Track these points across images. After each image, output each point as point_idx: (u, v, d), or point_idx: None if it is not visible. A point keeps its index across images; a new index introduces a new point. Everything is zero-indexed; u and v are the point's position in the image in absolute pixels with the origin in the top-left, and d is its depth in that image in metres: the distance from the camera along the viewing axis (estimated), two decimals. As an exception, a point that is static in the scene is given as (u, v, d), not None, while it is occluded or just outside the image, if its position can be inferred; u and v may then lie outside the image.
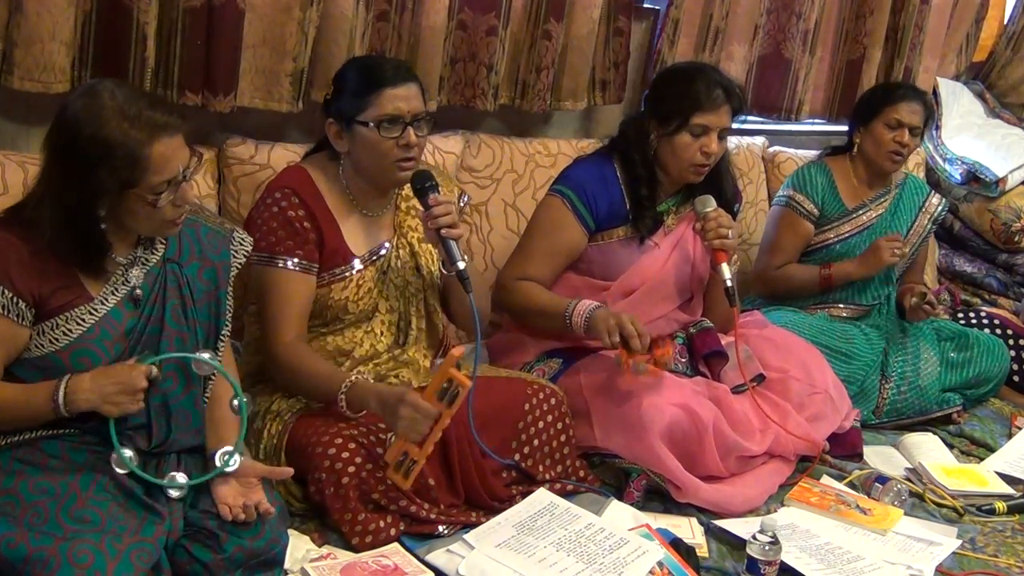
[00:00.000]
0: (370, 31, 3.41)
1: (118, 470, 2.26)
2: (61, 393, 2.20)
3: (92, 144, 2.16)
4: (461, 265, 2.78)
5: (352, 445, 2.64)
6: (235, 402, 2.42)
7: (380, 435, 2.71)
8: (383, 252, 2.94)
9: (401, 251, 2.97)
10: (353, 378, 2.71)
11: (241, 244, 2.57)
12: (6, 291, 2.22)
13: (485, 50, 3.65)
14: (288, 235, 2.80)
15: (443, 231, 2.78)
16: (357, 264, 2.89)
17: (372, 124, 2.77)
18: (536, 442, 2.96)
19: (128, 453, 2.27)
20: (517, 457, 2.94)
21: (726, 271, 3.21)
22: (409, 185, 2.89)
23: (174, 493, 2.31)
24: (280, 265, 2.80)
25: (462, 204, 3.16)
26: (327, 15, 3.31)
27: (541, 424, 2.98)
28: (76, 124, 2.18)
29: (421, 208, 2.86)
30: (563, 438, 3.02)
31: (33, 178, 2.65)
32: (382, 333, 2.96)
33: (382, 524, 2.64)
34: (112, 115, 2.17)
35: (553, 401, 3.01)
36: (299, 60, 3.27)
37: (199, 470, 2.41)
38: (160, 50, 3.08)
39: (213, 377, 2.49)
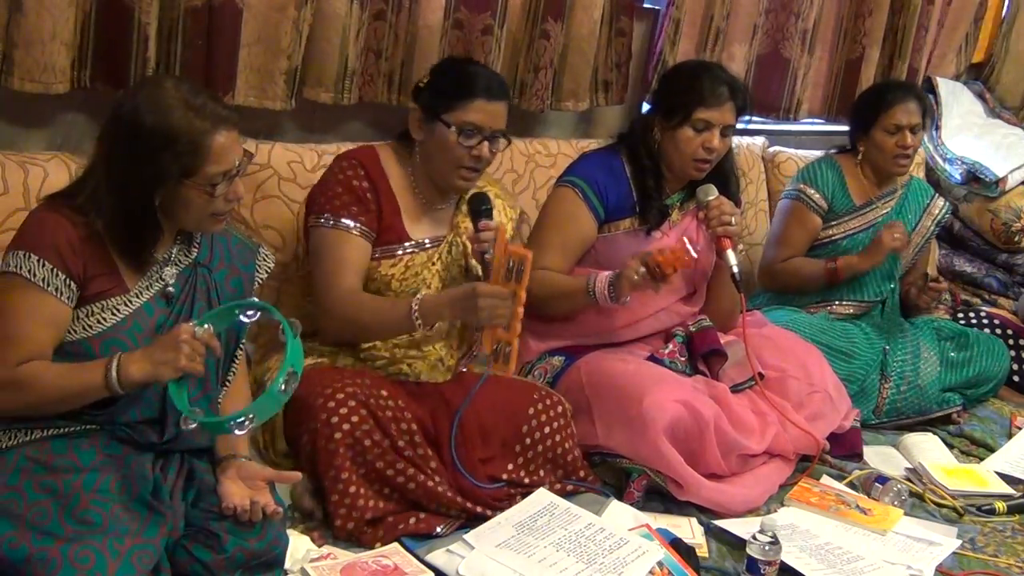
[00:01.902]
0: (366, 30, 3.41)
1: (186, 428, 2.27)
2: (115, 366, 2.22)
3: (157, 131, 2.23)
4: None
5: (352, 403, 2.66)
6: (281, 330, 2.34)
7: (382, 400, 2.72)
8: (437, 244, 3.00)
9: (455, 248, 3.03)
10: (420, 294, 2.81)
11: (264, 260, 2.63)
12: (60, 272, 2.26)
13: (481, 49, 3.65)
14: (352, 200, 2.89)
15: (487, 256, 2.84)
16: (409, 246, 2.95)
17: (454, 127, 2.85)
18: (540, 448, 2.96)
19: (197, 410, 2.31)
20: (520, 461, 2.94)
21: (732, 258, 3.22)
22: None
23: (243, 430, 2.30)
24: (341, 227, 2.87)
25: (518, 224, 3.25)
26: (321, 14, 3.31)
27: (547, 430, 2.98)
28: (140, 113, 2.25)
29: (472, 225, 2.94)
30: (567, 445, 3.02)
31: (34, 178, 2.71)
32: None
33: (367, 499, 2.66)
34: (178, 104, 2.25)
35: (559, 409, 3.01)
36: (293, 58, 3.28)
37: (204, 472, 2.42)
38: (161, 50, 3.08)
39: (229, 382, 2.55)
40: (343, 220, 2.87)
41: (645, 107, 4.21)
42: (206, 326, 2.29)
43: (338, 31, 3.34)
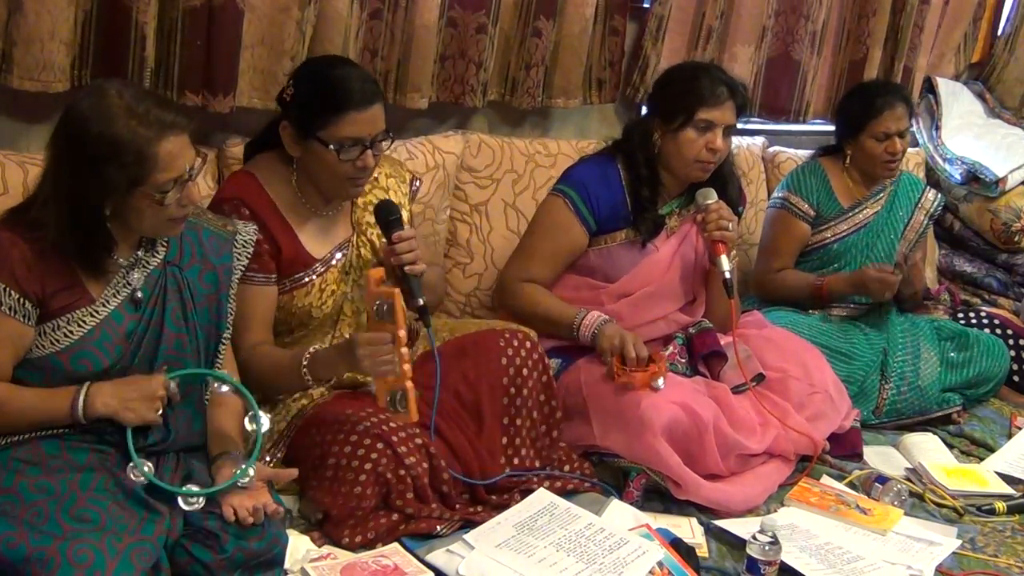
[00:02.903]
0: (363, 29, 3.41)
1: (134, 478, 2.26)
2: (81, 398, 2.23)
3: (101, 142, 2.19)
4: (421, 301, 2.74)
5: (368, 440, 2.64)
6: (249, 425, 2.42)
7: (392, 422, 2.70)
8: (344, 252, 2.91)
9: (363, 249, 2.94)
10: (311, 350, 2.68)
11: (244, 247, 2.58)
12: (12, 291, 2.24)
13: (475, 47, 3.66)
14: None
15: (407, 268, 2.75)
16: (318, 267, 2.85)
17: (332, 146, 2.70)
18: (525, 391, 2.94)
19: (147, 466, 2.28)
20: (512, 411, 2.93)
21: (725, 263, 3.22)
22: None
23: (187, 506, 2.30)
24: (236, 280, 2.72)
25: (413, 189, 3.10)
26: (323, 15, 3.31)
27: (524, 372, 2.95)
28: (84, 122, 2.21)
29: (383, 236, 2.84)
30: (544, 379, 3.00)
31: (33, 178, 2.66)
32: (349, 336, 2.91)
33: (378, 519, 2.65)
34: (121, 113, 2.20)
35: (528, 345, 2.99)
36: (296, 60, 3.28)
37: (200, 471, 2.41)
38: (160, 50, 3.08)
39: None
40: (242, 274, 2.68)
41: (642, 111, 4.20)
42: (175, 383, 2.31)
43: (340, 31, 3.34)
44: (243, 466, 2.35)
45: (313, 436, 2.72)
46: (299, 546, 2.54)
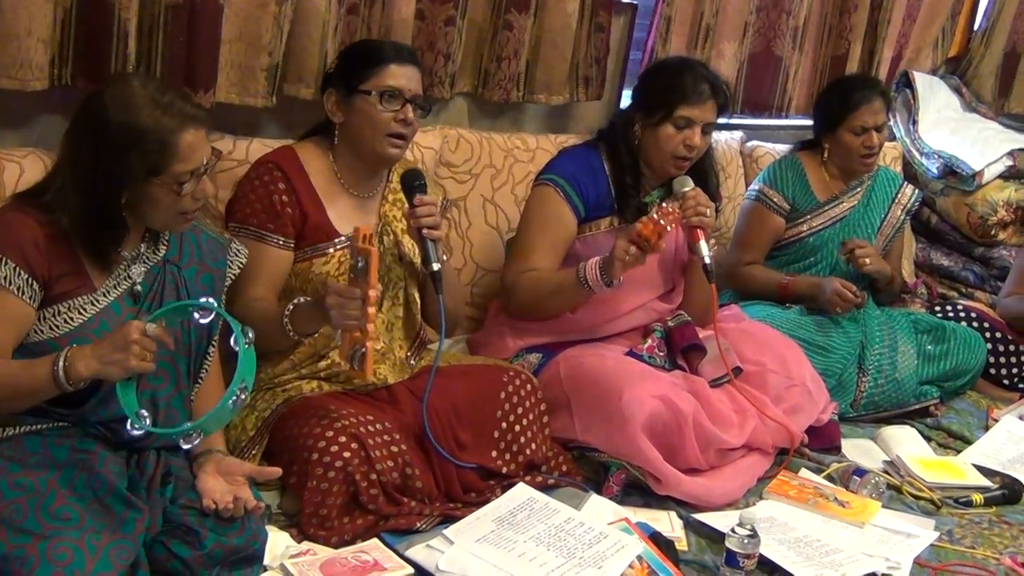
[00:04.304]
0: (341, 24, 3.41)
1: (135, 432, 2.27)
2: (61, 362, 2.22)
3: (124, 130, 2.24)
4: (436, 267, 2.84)
5: (343, 438, 2.64)
6: (233, 340, 2.37)
7: (371, 426, 2.72)
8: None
9: (385, 238, 3.01)
10: (293, 303, 2.70)
11: (237, 255, 2.64)
12: (22, 272, 2.26)
13: (443, 40, 3.66)
14: (264, 208, 2.86)
15: (424, 231, 2.84)
16: (339, 242, 2.92)
17: (374, 93, 2.85)
18: (517, 428, 2.97)
19: (145, 414, 2.28)
20: (502, 446, 2.95)
21: (704, 248, 3.22)
22: (397, 176, 2.99)
23: (186, 444, 2.32)
24: (251, 237, 2.84)
25: (443, 206, 3.20)
26: (301, 9, 3.30)
27: (520, 410, 2.99)
28: (107, 111, 2.25)
29: (406, 204, 2.91)
30: (542, 422, 3.04)
31: (10, 176, 2.69)
32: None
33: (352, 522, 2.65)
34: (145, 103, 2.26)
35: (529, 387, 3.03)
36: (274, 55, 3.27)
37: (181, 469, 2.42)
38: (141, 47, 3.06)
39: (202, 378, 2.55)
40: (252, 230, 2.85)
41: (623, 103, 4.21)
42: (158, 322, 2.29)
43: (318, 26, 3.33)
44: (232, 387, 2.31)
45: (291, 427, 2.72)
46: (279, 542, 2.53)
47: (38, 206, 2.31)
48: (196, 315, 2.41)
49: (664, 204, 3.06)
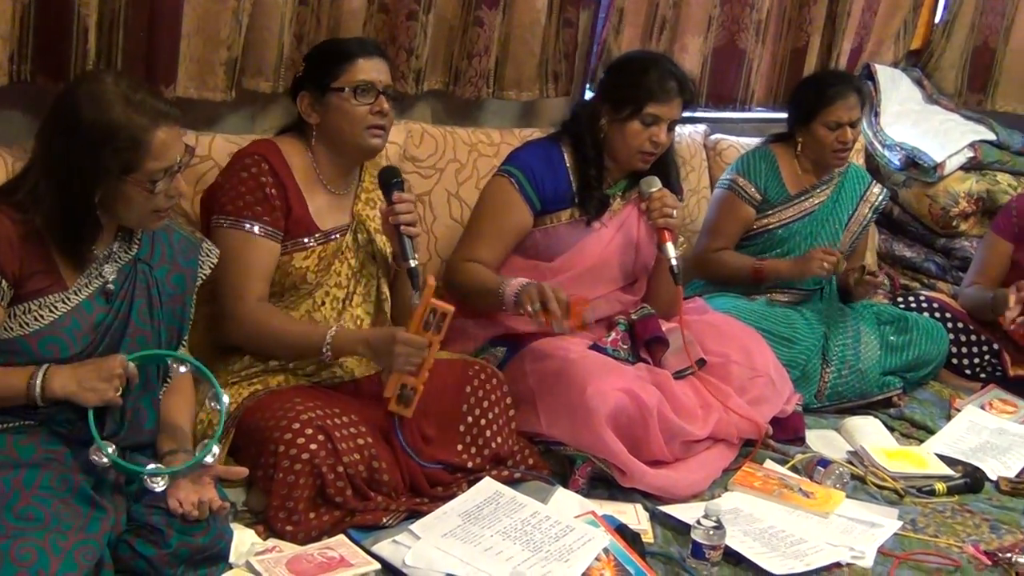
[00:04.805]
0: (292, 17, 3.40)
1: (96, 460, 2.26)
2: (39, 377, 2.23)
3: (96, 127, 2.23)
4: (413, 263, 2.87)
5: (309, 431, 2.64)
6: (213, 404, 2.46)
7: (337, 419, 2.72)
8: (343, 232, 2.99)
9: (360, 235, 3.02)
10: (334, 329, 2.80)
11: (208, 255, 2.63)
12: None
13: (405, 34, 3.65)
14: (256, 200, 2.85)
15: (402, 228, 2.87)
16: (319, 236, 2.94)
17: (347, 90, 2.87)
18: (483, 422, 2.97)
19: (111, 448, 2.28)
20: (467, 440, 2.95)
21: (671, 250, 3.24)
22: (369, 177, 3.04)
23: (158, 486, 2.31)
24: (246, 229, 2.84)
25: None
26: (259, 3, 3.30)
27: (486, 404, 2.99)
28: (80, 109, 2.25)
29: (384, 201, 2.95)
30: (508, 416, 3.04)
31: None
32: (323, 303, 2.99)
33: (318, 518, 2.65)
34: (117, 100, 2.25)
35: (495, 382, 3.04)
36: (233, 49, 3.26)
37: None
38: (101, 42, 3.04)
39: (171, 377, 2.54)
40: (247, 222, 2.83)
41: (587, 96, 4.21)
42: (134, 365, 2.31)
43: (276, 20, 3.33)
44: (207, 443, 2.36)
45: (258, 420, 2.72)
46: (244, 539, 2.53)
47: (11, 204, 2.29)
48: (175, 366, 2.45)
49: (583, 301, 3.11)
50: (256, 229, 2.84)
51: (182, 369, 2.47)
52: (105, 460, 2.27)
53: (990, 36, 5.41)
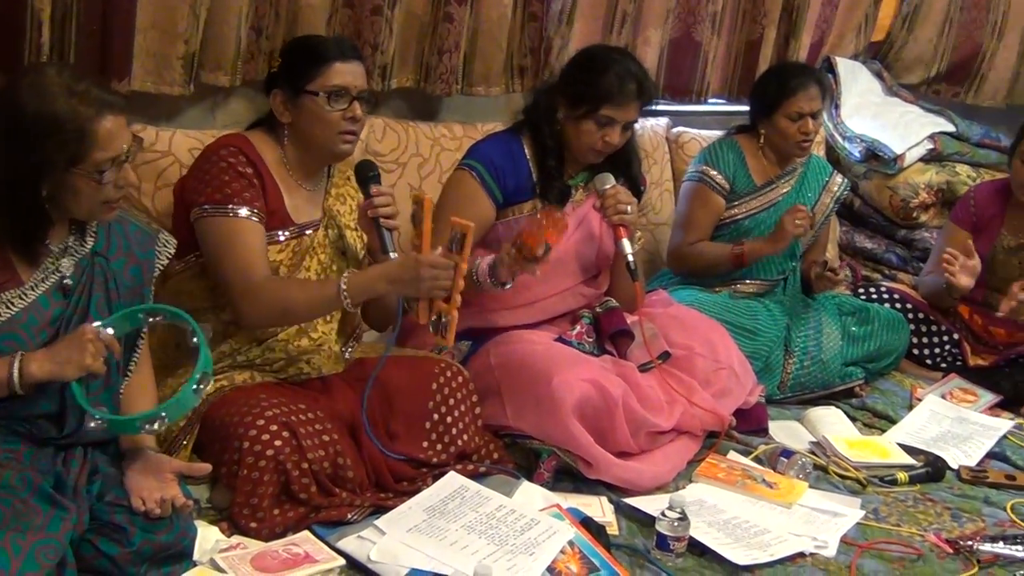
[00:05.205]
0: (250, 10, 3.38)
1: (94, 427, 2.30)
2: (16, 365, 2.22)
3: (40, 120, 2.20)
4: (393, 255, 2.84)
5: (274, 427, 2.63)
6: (194, 339, 2.41)
7: (302, 415, 2.71)
8: (315, 228, 2.97)
9: (330, 231, 3.00)
10: (347, 275, 2.78)
11: (165, 246, 2.60)
12: None
13: (370, 30, 3.64)
14: (243, 187, 2.82)
15: (382, 221, 2.85)
16: (293, 230, 2.92)
17: (321, 94, 2.83)
18: (449, 419, 2.97)
19: (101, 409, 2.31)
20: (433, 437, 2.94)
21: (627, 246, 3.24)
22: (339, 173, 3.04)
23: (149, 432, 2.33)
24: (242, 214, 2.80)
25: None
26: (218, -3, 3.28)
27: (452, 401, 2.99)
28: (22, 101, 2.22)
29: (359, 195, 2.95)
30: (474, 414, 3.04)
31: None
32: None
33: (282, 514, 2.64)
34: (60, 92, 2.22)
35: (461, 379, 3.03)
36: (190, 43, 3.25)
37: (107, 465, 2.40)
38: (55, 36, 3.02)
39: (130, 372, 2.52)
40: (239, 208, 2.80)
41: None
42: (109, 329, 2.29)
43: (235, 14, 3.32)
44: (193, 375, 2.35)
45: (222, 417, 2.70)
46: (208, 536, 2.52)
47: None
48: (144, 318, 2.43)
49: (554, 211, 3.06)
50: (245, 212, 2.80)
51: (157, 318, 2.44)
52: (101, 422, 2.29)
53: (975, 31, 5.46)
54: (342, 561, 2.52)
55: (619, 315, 3.37)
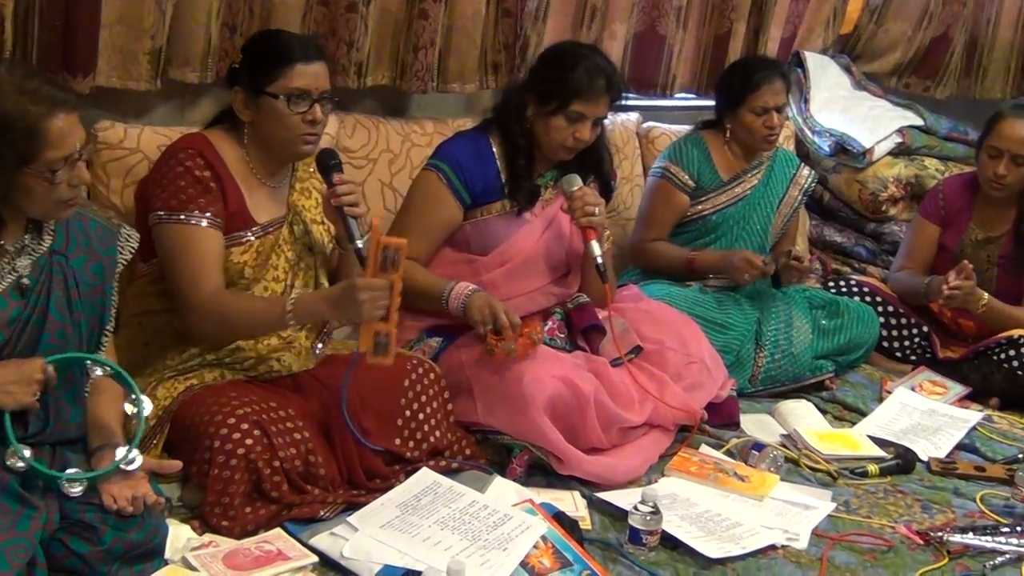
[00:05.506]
0: (223, 7, 3.36)
1: (12, 463, 2.23)
2: None
3: None
4: (360, 244, 2.82)
5: (245, 425, 2.62)
6: (130, 408, 2.41)
7: (273, 413, 2.70)
8: (279, 225, 2.95)
9: (296, 227, 2.98)
10: (294, 295, 2.78)
11: (128, 240, 2.56)
12: None
13: (345, 27, 3.62)
14: (198, 193, 2.79)
15: (346, 209, 2.84)
16: (256, 230, 2.89)
17: (282, 96, 2.80)
18: (421, 416, 2.97)
19: (27, 451, 2.25)
20: (405, 434, 2.94)
21: (595, 248, 3.24)
22: (303, 166, 3.00)
23: (74, 490, 2.28)
24: (194, 222, 2.77)
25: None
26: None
27: (424, 398, 2.99)
28: None
29: (323, 186, 2.92)
30: (446, 410, 3.04)
31: None
32: None
33: (254, 512, 2.63)
34: (10, 90, 2.19)
35: (432, 376, 3.03)
36: (157, 38, 3.23)
37: (78, 463, 2.37)
38: (17, 31, 3.00)
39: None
40: (194, 215, 2.77)
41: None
42: (53, 367, 2.28)
43: (203, 10, 3.30)
44: (126, 448, 2.33)
45: (193, 415, 2.69)
46: (180, 535, 2.51)
47: None
48: (94, 368, 2.42)
49: (536, 334, 3.10)
50: (203, 222, 2.78)
51: (98, 371, 2.43)
52: (21, 464, 2.24)
53: (952, 25, 5.49)
54: (315, 558, 2.52)
55: (590, 310, 3.37)
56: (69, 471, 2.29)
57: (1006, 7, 5.55)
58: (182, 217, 2.77)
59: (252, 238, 2.88)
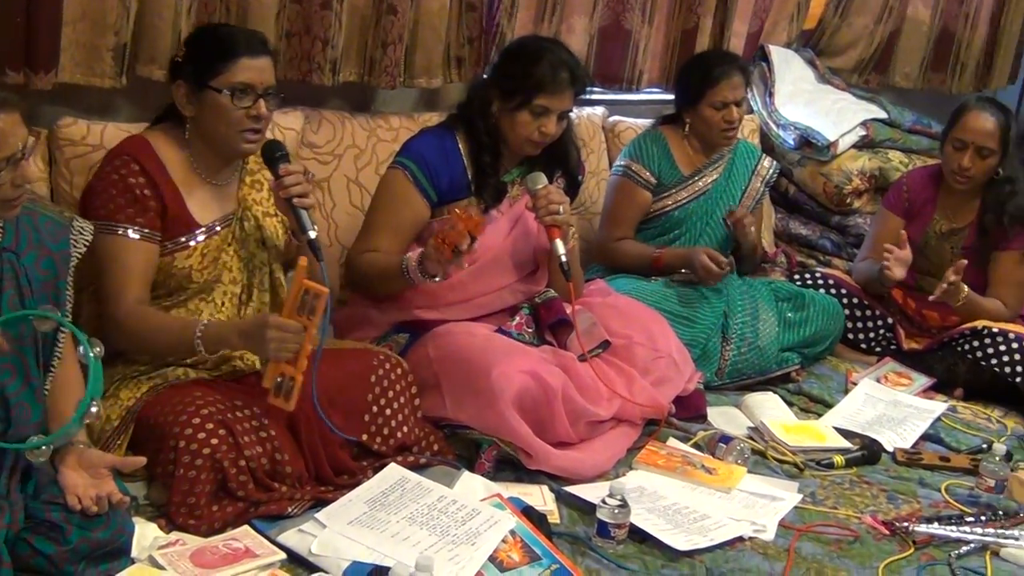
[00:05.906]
0: (196, 4, 3.34)
1: None
2: None
3: None
4: (312, 234, 2.80)
5: (210, 425, 2.60)
6: (82, 352, 2.34)
7: (239, 412, 2.70)
8: (228, 223, 2.92)
9: (246, 223, 2.95)
10: (206, 320, 2.75)
11: (81, 233, 2.52)
12: None
13: (320, 24, 3.61)
14: (128, 203, 2.76)
15: (295, 200, 2.80)
16: (200, 233, 2.86)
17: (225, 91, 2.76)
18: (388, 411, 2.96)
19: None
20: (373, 429, 2.93)
21: (560, 247, 3.23)
22: (253, 159, 2.95)
23: (34, 459, 2.26)
24: (120, 233, 2.75)
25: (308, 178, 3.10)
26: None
27: (391, 393, 2.98)
28: None
29: (272, 178, 2.88)
30: (413, 405, 3.04)
31: None
32: (223, 304, 2.93)
33: (221, 511, 2.62)
34: None
35: (400, 371, 3.02)
36: (121, 35, 3.21)
37: (40, 465, 2.34)
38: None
39: (54, 367, 2.45)
40: (121, 227, 2.75)
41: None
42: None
43: (169, 6, 3.27)
44: (83, 400, 2.29)
45: (157, 415, 2.68)
46: (147, 533, 2.49)
47: None
48: (37, 326, 2.35)
49: (469, 208, 3.06)
50: (130, 233, 2.75)
51: (46, 327, 2.37)
52: None
53: (950, 21, 5.54)
54: (283, 555, 2.51)
55: (558, 305, 3.38)
56: (31, 439, 2.28)
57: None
58: (109, 225, 2.75)
59: (196, 243, 2.85)
